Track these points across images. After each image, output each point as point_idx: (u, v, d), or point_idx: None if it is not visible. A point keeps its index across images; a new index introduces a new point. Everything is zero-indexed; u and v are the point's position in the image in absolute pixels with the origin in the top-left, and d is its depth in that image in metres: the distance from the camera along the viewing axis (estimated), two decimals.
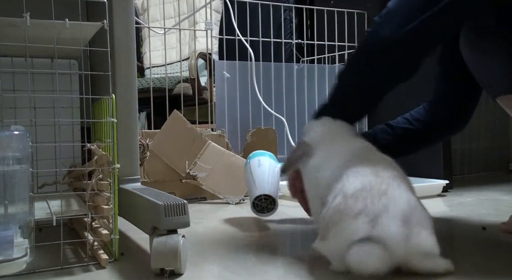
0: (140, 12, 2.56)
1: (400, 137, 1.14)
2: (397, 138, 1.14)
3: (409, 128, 1.15)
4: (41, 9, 0.83)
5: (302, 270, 0.80)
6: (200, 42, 2.22)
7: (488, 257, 0.88)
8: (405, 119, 1.17)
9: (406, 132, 1.15)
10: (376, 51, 0.93)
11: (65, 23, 0.85)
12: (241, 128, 1.80)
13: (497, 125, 2.35)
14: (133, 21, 1.08)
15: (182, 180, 1.58)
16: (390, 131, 1.14)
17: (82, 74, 1.24)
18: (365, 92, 0.99)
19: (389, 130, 1.15)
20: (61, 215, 0.83)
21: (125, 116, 1.04)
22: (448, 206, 1.44)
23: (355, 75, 0.98)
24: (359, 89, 0.98)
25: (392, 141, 1.13)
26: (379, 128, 1.17)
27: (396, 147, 1.14)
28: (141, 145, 1.50)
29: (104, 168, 0.89)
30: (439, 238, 0.73)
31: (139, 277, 0.79)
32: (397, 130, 1.15)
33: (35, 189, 1.10)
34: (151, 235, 0.80)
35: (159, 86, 1.99)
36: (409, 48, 0.92)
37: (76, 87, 1.27)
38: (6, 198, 0.76)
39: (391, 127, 1.15)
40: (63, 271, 0.81)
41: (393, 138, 1.14)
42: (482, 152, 2.29)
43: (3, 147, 0.76)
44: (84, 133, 1.25)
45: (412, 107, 1.20)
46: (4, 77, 1.13)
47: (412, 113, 1.18)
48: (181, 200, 0.79)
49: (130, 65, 1.06)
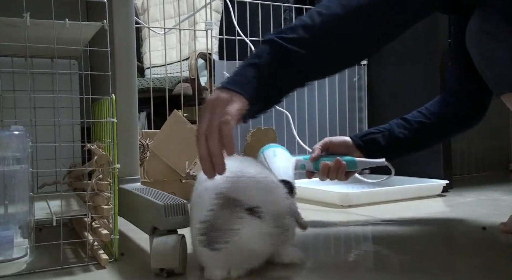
0: (140, 12, 2.56)
1: (417, 131, 1.14)
2: (414, 132, 1.14)
3: (425, 122, 1.15)
4: (41, 9, 0.83)
5: (302, 269, 0.80)
6: (200, 42, 2.22)
7: (488, 257, 0.88)
8: (420, 113, 1.17)
9: (422, 125, 1.15)
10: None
11: (65, 23, 0.85)
12: (241, 128, 1.80)
13: (497, 125, 2.35)
14: (133, 21, 1.08)
15: (182, 180, 1.58)
16: (407, 125, 1.15)
17: (82, 74, 1.24)
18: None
19: (405, 124, 1.15)
20: (61, 215, 0.83)
21: (125, 116, 1.04)
22: (448, 206, 1.44)
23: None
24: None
25: (409, 135, 1.13)
26: (395, 122, 1.17)
27: (414, 141, 1.15)
28: (141, 145, 1.50)
29: (104, 168, 0.89)
30: (439, 238, 0.72)
31: (139, 277, 0.79)
32: (413, 124, 1.15)
33: (35, 189, 1.10)
34: (151, 235, 0.80)
35: (159, 86, 1.99)
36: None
37: (76, 87, 1.27)
38: (6, 198, 0.76)
39: (407, 121, 1.15)
40: (63, 271, 0.81)
41: (410, 132, 1.14)
42: (482, 152, 2.29)
43: (3, 147, 0.76)
44: (84, 133, 1.25)
45: (425, 101, 1.20)
46: (4, 77, 1.13)
47: (427, 107, 1.17)
48: (181, 200, 0.79)
49: (130, 65, 1.06)
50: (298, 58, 0.83)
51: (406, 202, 1.49)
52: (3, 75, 1.12)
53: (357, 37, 0.87)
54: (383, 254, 0.92)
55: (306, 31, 0.83)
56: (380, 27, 0.87)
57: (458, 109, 1.16)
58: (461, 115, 1.17)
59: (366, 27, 0.86)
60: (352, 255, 0.92)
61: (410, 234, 1.08)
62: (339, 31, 0.85)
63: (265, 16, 1.92)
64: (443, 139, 1.21)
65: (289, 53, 0.82)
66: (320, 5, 0.87)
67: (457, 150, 2.13)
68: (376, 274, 0.78)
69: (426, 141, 1.19)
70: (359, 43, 0.88)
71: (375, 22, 0.86)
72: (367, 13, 0.85)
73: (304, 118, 1.94)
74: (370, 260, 0.89)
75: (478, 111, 1.17)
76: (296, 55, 0.82)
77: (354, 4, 0.84)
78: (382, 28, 0.88)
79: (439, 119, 1.15)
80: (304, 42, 0.83)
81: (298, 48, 0.82)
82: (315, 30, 0.83)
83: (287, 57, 0.82)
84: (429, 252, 0.92)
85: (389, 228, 1.15)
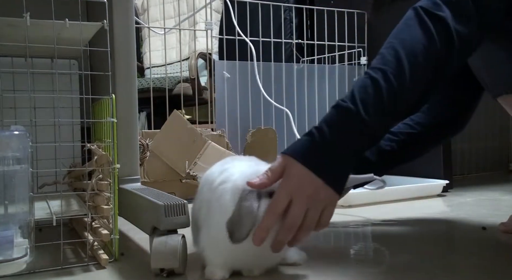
0: (140, 12, 2.56)
1: (404, 142, 1.13)
2: (401, 143, 1.13)
3: (411, 132, 1.14)
4: (41, 9, 0.83)
5: (302, 268, 0.80)
6: (200, 42, 2.22)
7: (488, 257, 0.88)
8: (406, 124, 1.16)
9: (409, 137, 1.14)
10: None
11: (65, 23, 0.85)
12: (241, 128, 1.80)
13: (497, 125, 2.35)
14: (133, 21, 1.08)
15: (182, 180, 1.58)
16: (393, 137, 1.14)
17: (82, 74, 1.24)
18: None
19: (392, 136, 1.14)
20: (61, 215, 0.83)
21: (125, 116, 1.04)
22: (448, 206, 1.44)
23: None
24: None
25: (397, 147, 1.13)
26: None
27: (402, 152, 1.14)
28: (141, 145, 1.50)
29: (104, 168, 0.89)
30: (439, 238, 0.73)
31: (139, 277, 0.79)
32: (400, 135, 1.14)
33: (35, 189, 1.10)
34: (151, 235, 0.79)
35: (159, 86, 1.99)
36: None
37: (76, 87, 1.27)
38: (6, 198, 0.76)
39: (393, 134, 1.14)
40: (63, 271, 0.81)
41: (397, 144, 1.13)
42: (482, 152, 2.29)
43: (3, 147, 0.76)
44: (84, 133, 1.25)
45: None
46: (4, 77, 1.12)
47: (412, 118, 1.17)
48: (181, 200, 0.79)
49: (130, 65, 1.06)
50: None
51: (406, 202, 1.49)
52: (3, 75, 1.11)
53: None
54: (383, 254, 0.92)
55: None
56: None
57: (443, 117, 1.15)
58: (445, 122, 1.16)
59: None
60: (352, 255, 0.92)
61: (410, 234, 1.08)
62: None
63: (265, 16, 1.92)
64: (430, 147, 1.20)
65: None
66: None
67: (457, 150, 2.13)
68: (376, 274, 0.78)
69: (414, 152, 1.18)
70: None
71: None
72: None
73: (305, 116, 1.94)
74: (371, 260, 0.89)
75: (463, 118, 1.17)
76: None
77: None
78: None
79: (425, 128, 1.14)
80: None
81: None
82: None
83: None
84: (429, 252, 0.92)
85: (389, 228, 1.15)
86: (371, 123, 0.73)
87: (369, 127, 0.73)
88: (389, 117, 0.77)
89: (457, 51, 0.79)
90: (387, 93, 0.74)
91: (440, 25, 0.78)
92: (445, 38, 0.77)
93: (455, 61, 0.80)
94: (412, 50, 0.77)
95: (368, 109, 0.73)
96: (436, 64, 0.78)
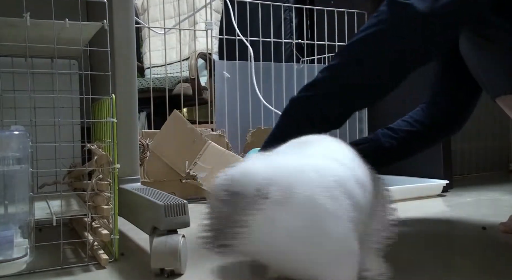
0: (140, 12, 2.56)
1: (404, 139, 1.15)
2: (400, 141, 1.14)
3: (411, 130, 1.15)
4: (41, 9, 0.83)
5: None
6: (200, 42, 2.22)
7: (488, 257, 0.88)
8: (405, 121, 1.17)
9: (408, 134, 1.15)
10: (412, 26, 0.84)
11: (65, 23, 0.85)
12: (241, 128, 1.80)
13: (497, 125, 2.35)
14: (133, 21, 1.08)
15: (182, 180, 1.58)
16: (393, 135, 1.15)
17: (82, 74, 1.24)
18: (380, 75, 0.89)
19: (391, 133, 1.15)
20: (61, 215, 0.83)
21: (125, 116, 1.04)
22: (448, 206, 1.44)
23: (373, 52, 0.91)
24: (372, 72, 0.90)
25: (396, 144, 1.14)
26: (381, 132, 1.17)
27: (401, 150, 1.15)
28: (141, 145, 1.50)
29: (104, 168, 0.89)
30: (440, 238, 0.73)
31: (139, 277, 0.79)
32: (399, 133, 1.15)
33: (35, 189, 1.10)
34: (151, 235, 0.79)
35: (159, 86, 1.99)
36: (442, 23, 0.84)
37: (76, 87, 1.27)
38: (6, 198, 0.76)
39: (393, 131, 1.15)
40: (63, 271, 0.81)
41: (396, 141, 1.14)
42: (482, 152, 2.29)
43: (3, 147, 0.76)
44: (84, 133, 1.25)
45: (411, 109, 1.20)
46: (4, 77, 1.13)
47: (411, 115, 1.18)
48: (181, 200, 0.79)
49: (130, 65, 1.06)
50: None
51: (406, 202, 1.49)
52: (3, 75, 1.12)
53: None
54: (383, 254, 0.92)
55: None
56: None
57: (442, 116, 1.16)
58: (444, 121, 1.17)
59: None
60: None
61: (410, 234, 1.08)
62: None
63: (265, 16, 1.92)
64: (429, 145, 1.22)
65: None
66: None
67: (457, 150, 2.13)
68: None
69: (412, 149, 1.20)
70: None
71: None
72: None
73: None
74: None
75: (461, 117, 1.18)
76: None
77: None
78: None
79: (424, 126, 1.16)
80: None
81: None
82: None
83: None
84: (429, 252, 0.92)
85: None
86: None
87: None
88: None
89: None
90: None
91: (401, 7, 0.84)
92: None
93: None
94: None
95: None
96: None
